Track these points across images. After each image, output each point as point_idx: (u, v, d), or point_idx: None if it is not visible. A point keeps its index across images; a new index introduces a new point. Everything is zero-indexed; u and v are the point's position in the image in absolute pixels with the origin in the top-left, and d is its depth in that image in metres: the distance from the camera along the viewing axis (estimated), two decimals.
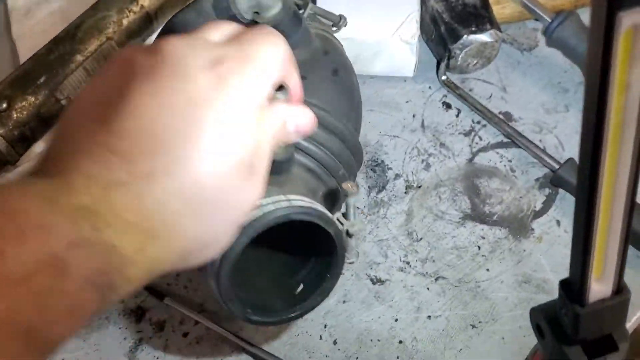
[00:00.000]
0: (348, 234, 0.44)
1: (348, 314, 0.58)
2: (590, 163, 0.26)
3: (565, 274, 0.59)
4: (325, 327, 0.58)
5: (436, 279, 0.60)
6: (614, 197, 0.28)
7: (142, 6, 0.63)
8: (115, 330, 0.60)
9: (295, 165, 0.46)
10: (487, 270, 0.60)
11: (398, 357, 0.56)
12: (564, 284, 0.33)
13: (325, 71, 0.53)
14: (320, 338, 0.57)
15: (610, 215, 0.29)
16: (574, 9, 0.69)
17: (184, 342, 0.58)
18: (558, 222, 0.62)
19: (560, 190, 0.64)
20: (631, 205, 0.28)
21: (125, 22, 0.62)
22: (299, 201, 0.42)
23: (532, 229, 0.62)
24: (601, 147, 0.26)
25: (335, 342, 0.57)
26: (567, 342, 0.34)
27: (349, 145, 0.52)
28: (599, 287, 0.32)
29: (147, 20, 0.64)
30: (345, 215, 0.44)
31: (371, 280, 0.60)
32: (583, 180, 0.27)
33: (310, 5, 0.56)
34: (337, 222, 0.43)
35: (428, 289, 0.59)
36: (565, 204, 0.63)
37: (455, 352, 0.56)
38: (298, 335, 0.58)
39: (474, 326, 0.57)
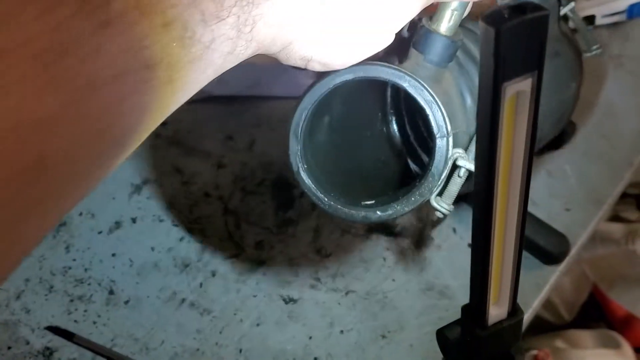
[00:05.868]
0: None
1: (262, 337, 0.59)
2: (484, 206, 0.29)
3: (463, 278, 0.64)
4: (240, 351, 0.58)
5: (346, 293, 0.62)
6: (505, 237, 0.31)
7: None
8: None
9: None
10: (393, 280, 0.63)
11: None
12: (465, 309, 0.36)
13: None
14: None
15: (502, 251, 0.31)
16: None
17: None
18: (454, 230, 0.66)
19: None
20: (520, 241, 0.31)
21: None
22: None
23: (432, 238, 0.66)
24: (493, 194, 0.28)
25: None
26: None
27: None
28: (496, 311, 0.35)
29: None
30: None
31: (284, 300, 0.61)
32: (479, 225, 0.30)
33: None
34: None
35: (339, 303, 0.61)
36: (459, 210, 0.67)
37: None
38: None
39: (384, 336, 0.60)
